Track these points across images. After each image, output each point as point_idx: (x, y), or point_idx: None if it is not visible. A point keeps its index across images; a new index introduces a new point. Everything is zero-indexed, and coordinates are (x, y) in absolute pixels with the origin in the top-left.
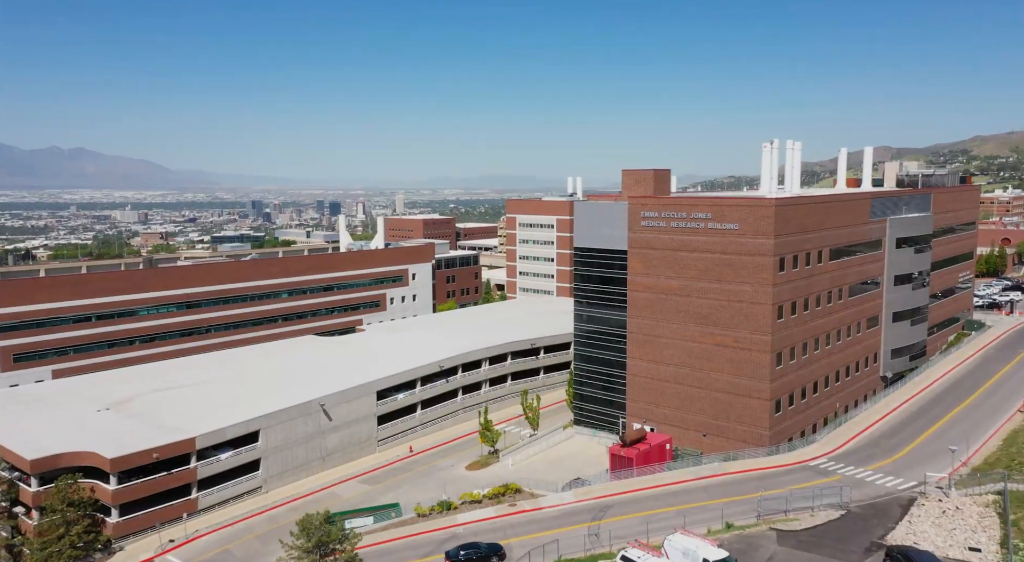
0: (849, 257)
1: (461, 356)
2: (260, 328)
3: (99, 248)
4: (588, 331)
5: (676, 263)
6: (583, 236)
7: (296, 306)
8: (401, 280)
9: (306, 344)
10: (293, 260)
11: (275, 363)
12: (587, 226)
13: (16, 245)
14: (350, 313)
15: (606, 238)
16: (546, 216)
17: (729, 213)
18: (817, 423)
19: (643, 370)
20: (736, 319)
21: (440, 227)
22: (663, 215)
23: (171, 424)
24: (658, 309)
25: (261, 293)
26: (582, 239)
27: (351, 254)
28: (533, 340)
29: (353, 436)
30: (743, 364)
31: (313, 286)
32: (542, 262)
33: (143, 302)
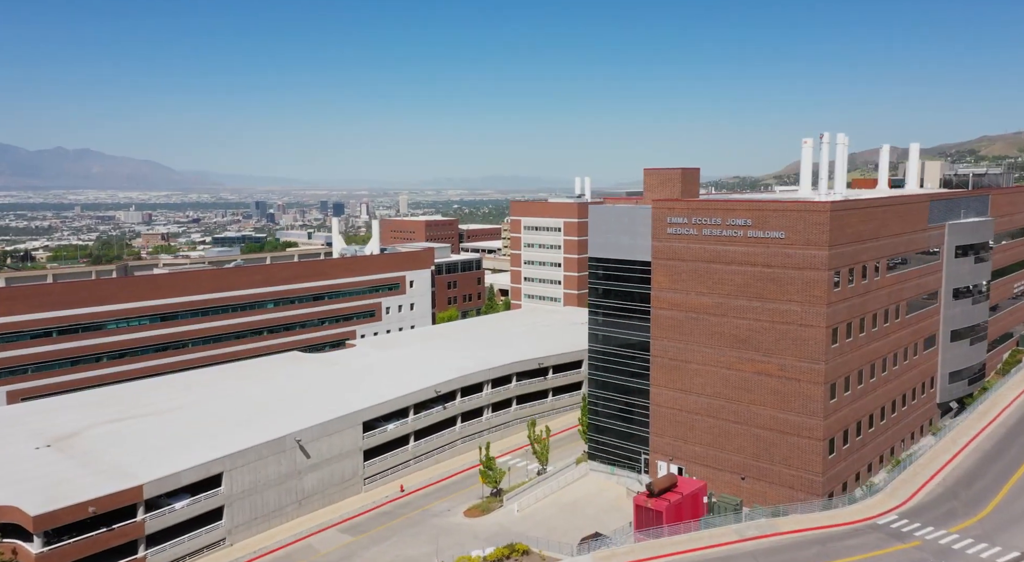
0: (906, 269)
1: (460, 379)
2: (243, 341)
3: (99, 249)
4: (604, 353)
5: (709, 277)
6: (599, 245)
7: (283, 317)
8: (398, 288)
9: (288, 363)
10: (279, 267)
11: (250, 387)
12: (604, 233)
13: (16, 246)
14: (342, 324)
15: (626, 247)
16: (552, 219)
17: (774, 219)
18: (873, 463)
19: (669, 400)
20: (781, 344)
21: (443, 229)
22: (693, 221)
23: (118, 466)
24: (687, 330)
25: (244, 303)
26: (598, 248)
27: (344, 260)
28: (541, 359)
29: (335, 475)
30: (790, 397)
31: (302, 295)
32: (548, 267)
33: (112, 314)
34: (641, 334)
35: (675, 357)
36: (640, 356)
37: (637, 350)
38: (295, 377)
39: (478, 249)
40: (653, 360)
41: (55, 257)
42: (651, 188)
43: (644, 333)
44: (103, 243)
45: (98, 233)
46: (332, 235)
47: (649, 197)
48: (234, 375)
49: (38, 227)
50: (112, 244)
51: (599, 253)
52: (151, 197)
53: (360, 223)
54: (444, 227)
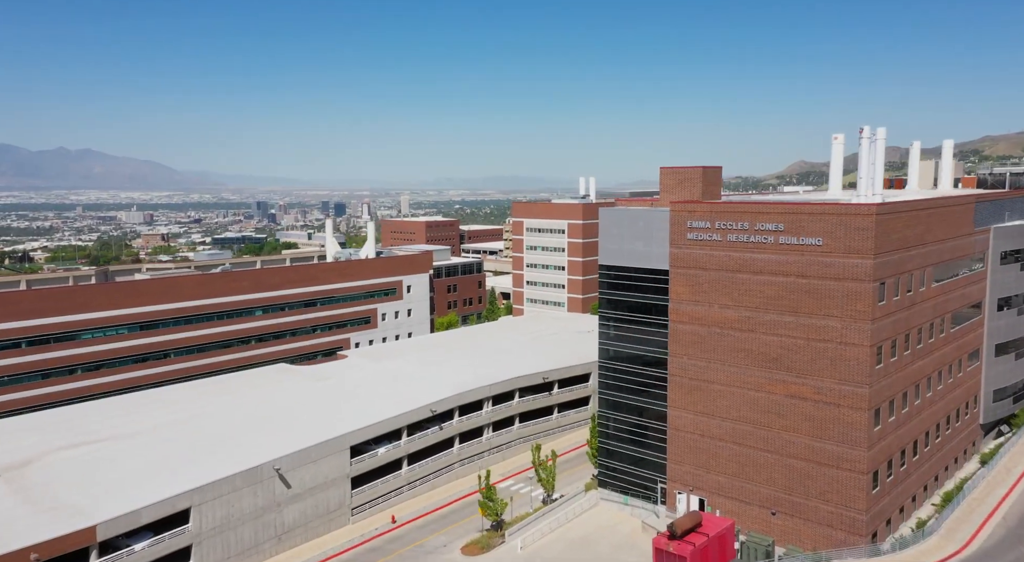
0: (951, 278)
1: (458, 397)
2: (230, 351)
3: (98, 250)
4: (616, 370)
5: (735, 288)
6: (610, 251)
7: (272, 325)
8: (394, 293)
9: (273, 377)
10: (268, 272)
11: (229, 405)
12: (616, 238)
13: (15, 247)
14: (336, 331)
15: (640, 254)
16: (556, 220)
17: (810, 223)
18: (917, 494)
19: (689, 424)
20: (818, 364)
21: (443, 230)
22: (717, 226)
23: (72, 502)
24: (709, 347)
25: (231, 311)
26: (609, 254)
27: (337, 265)
28: (546, 373)
29: (319, 506)
30: (828, 423)
31: (292, 301)
32: (552, 271)
33: (87, 323)
34: (657, 350)
35: (696, 376)
36: (656, 374)
37: (653, 367)
38: (279, 393)
39: (479, 250)
40: (671, 379)
41: (53, 258)
42: (668, 189)
43: (661, 349)
44: (102, 244)
45: (99, 233)
46: (326, 237)
47: (666, 199)
48: (213, 391)
49: (39, 227)
50: (111, 245)
51: (610, 260)
52: (153, 197)
53: (361, 223)
54: (445, 228)
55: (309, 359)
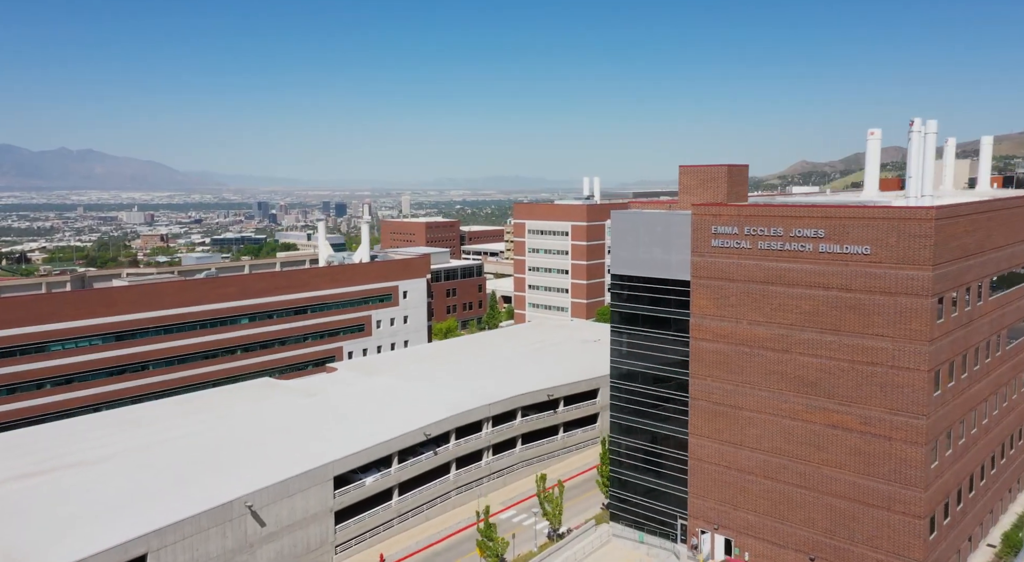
0: (1008, 289)
1: (455, 418)
2: (214, 362)
3: (96, 251)
4: (630, 392)
5: (766, 302)
6: (624, 259)
7: (260, 334)
8: (390, 299)
9: (255, 394)
10: (255, 278)
11: (203, 427)
12: (630, 245)
13: (13, 248)
14: (327, 340)
15: (658, 263)
16: (559, 222)
17: (856, 229)
18: (973, 536)
19: (713, 454)
20: (865, 390)
21: (444, 230)
22: (746, 231)
23: (10, 548)
24: (737, 368)
25: (215, 319)
26: (622, 263)
27: (329, 270)
28: (551, 389)
29: (298, 545)
30: (877, 459)
31: (281, 309)
32: (555, 274)
33: (58, 334)
34: (677, 370)
35: (721, 401)
36: (675, 397)
37: (672, 390)
38: (260, 413)
39: (480, 252)
40: (693, 403)
41: (51, 259)
42: (688, 189)
43: (681, 369)
44: (101, 245)
45: (100, 234)
46: (319, 240)
47: (686, 200)
48: (188, 410)
49: (40, 228)
50: (110, 246)
51: (624, 269)
52: (154, 197)
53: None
54: (445, 229)
55: (299, 370)
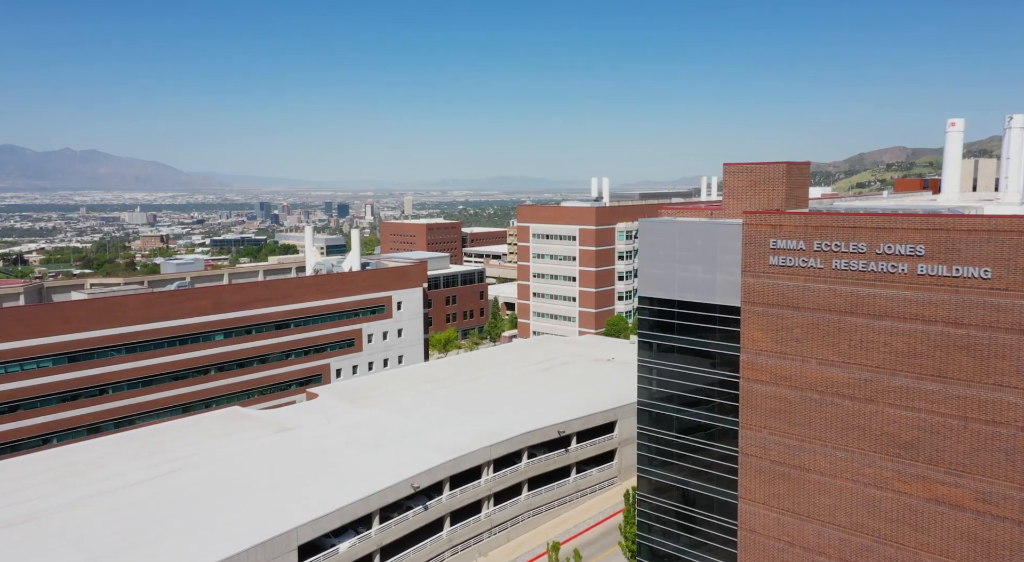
0: None
1: (450, 464)
2: (183, 383)
3: (95, 252)
4: (662, 441)
5: (844, 337)
6: (654, 279)
7: (237, 351)
8: (382, 311)
9: (216, 429)
10: (231, 289)
11: (145, 478)
12: (662, 261)
13: (12, 249)
14: (313, 357)
15: (699, 284)
16: (566, 226)
17: (970, 245)
18: None
19: (771, 525)
20: (984, 456)
21: (445, 232)
22: (816, 246)
23: None
24: (803, 419)
25: (185, 336)
26: (652, 283)
27: (315, 279)
28: (562, 424)
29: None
30: (1001, 548)
31: (260, 323)
32: (561, 281)
33: (2, 356)
34: (723, 418)
35: (782, 460)
36: (720, 451)
37: (715, 442)
38: (218, 457)
39: (482, 254)
40: (743, 460)
41: (48, 260)
42: (735, 193)
43: (728, 417)
44: (99, 246)
45: (101, 234)
46: (306, 245)
47: (733, 207)
48: (134, 452)
49: (42, 228)
50: (109, 247)
51: (654, 291)
52: (157, 198)
53: (364, 224)
54: (446, 231)
55: (282, 390)
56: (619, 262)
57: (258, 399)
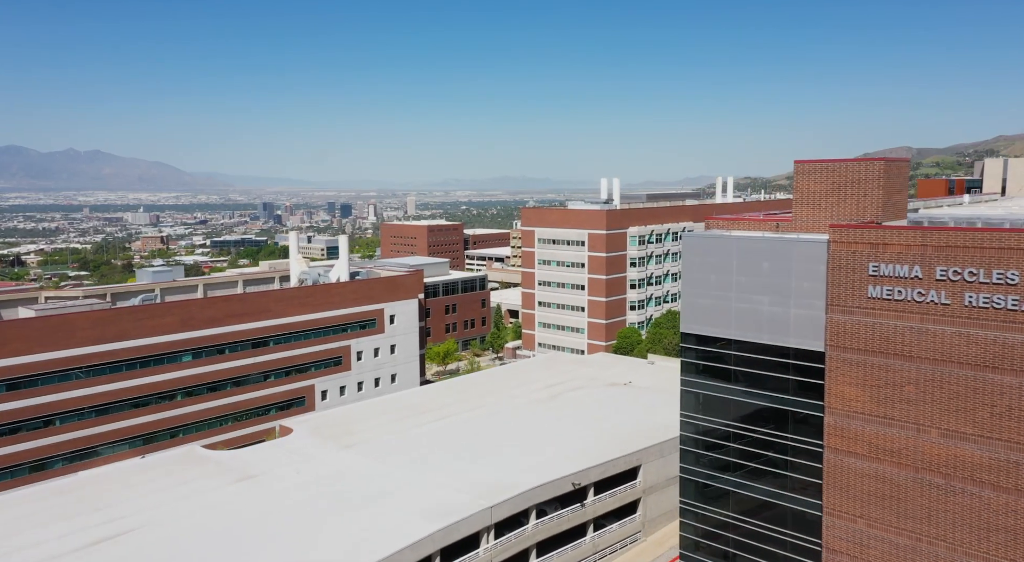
0: None
1: (440, 535)
2: (145, 411)
3: (93, 254)
4: (713, 520)
5: (982, 400)
6: (699, 310)
7: (207, 374)
8: (373, 325)
9: (164, 479)
10: (201, 304)
11: (64, 549)
12: (711, 288)
13: (11, 250)
14: (295, 378)
15: (763, 320)
16: (575, 230)
17: None
18: None
19: None
20: None
21: (447, 234)
22: (938, 274)
23: None
24: (918, 510)
25: (147, 357)
26: (700, 316)
27: (298, 292)
28: (577, 475)
29: None
30: None
31: (235, 341)
32: (569, 290)
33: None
34: (796, 498)
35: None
36: (794, 541)
37: (786, 529)
38: (162, 518)
39: (485, 257)
40: (829, 559)
41: (46, 262)
42: (811, 199)
43: (805, 498)
44: (98, 247)
45: (104, 235)
46: (291, 252)
47: (809, 217)
48: (62, 509)
49: (45, 229)
50: (108, 248)
51: (701, 326)
52: (160, 198)
53: (367, 225)
54: (448, 232)
55: (260, 416)
56: (631, 269)
57: (233, 426)
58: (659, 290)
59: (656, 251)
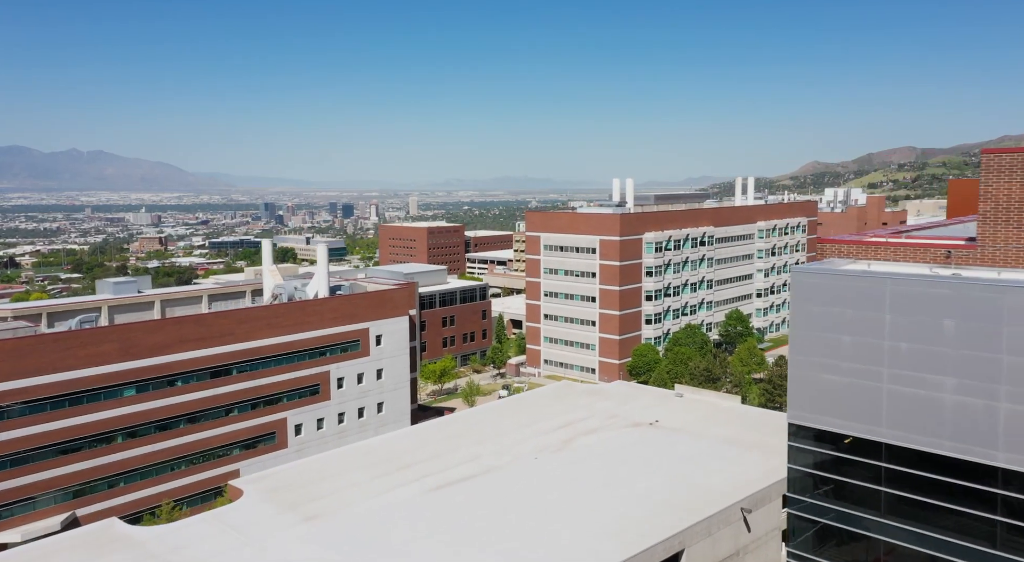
0: None
1: None
2: (75, 458)
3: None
4: None
5: None
6: (819, 389)
7: (154, 410)
8: (357, 347)
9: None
10: (146, 328)
11: None
12: (843, 355)
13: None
14: (264, 411)
15: (944, 417)
16: (585, 236)
17: None
18: None
19: None
20: None
21: (447, 236)
22: None
23: None
24: None
25: (77, 394)
26: (815, 399)
27: (267, 311)
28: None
29: None
30: None
31: (189, 371)
32: (578, 302)
33: None
34: None
35: None
36: None
37: None
38: None
39: (486, 260)
40: None
41: (40, 263)
42: (1015, 212)
43: None
44: (95, 248)
45: (105, 235)
46: (264, 262)
47: (1015, 239)
48: None
49: (47, 229)
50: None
51: (822, 417)
52: (162, 198)
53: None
54: (448, 234)
55: (220, 457)
56: (647, 279)
57: (187, 471)
58: (677, 302)
59: (674, 259)
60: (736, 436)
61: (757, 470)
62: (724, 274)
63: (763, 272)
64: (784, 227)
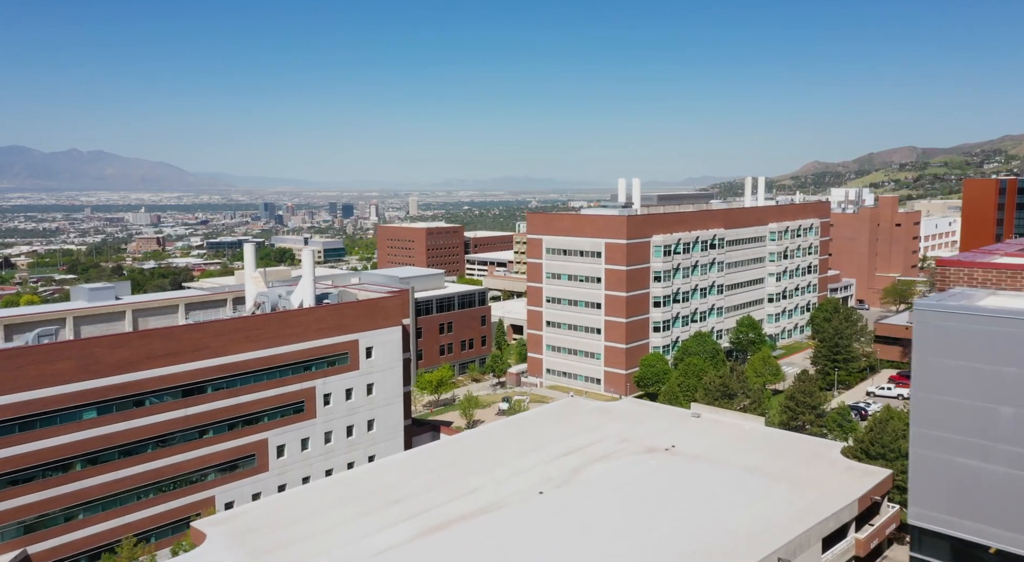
0: None
1: None
2: (29, 489)
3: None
4: None
5: None
6: (956, 481)
7: (118, 433)
8: (345, 361)
9: None
10: (109, 343)
11: None
12: (997, 435)
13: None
14: (243, 432)
15: None
16: (589, 239)
17: None
18: None
19: None
20: None
21: (446, 237)
22: None
23: None
24: None
25: (30, 418)
26: (950, 496)
27: (244, 323)
28: None
29: None
30: None
31: (158, 390)
32: (582, 309)
33: None
34: None
35: None
36: None
37: None
38: None
39: (486, 261)
40: None
41: (36, 264)
42: None
43: None
44: (94, 248)
45: (104, 235)
46: (246, 267)
47: None
48: None
49: (46, 229)
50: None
51: (962, 522)
52: (163, 198)
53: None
54: (448, 235)
55: (194, 483)
56: (655, 285)
57: (155, 500)
58: (686, 308)
59: (683, 263)
60: (761, 464)
61: (789, 508)
62: (735, 278)
63: (775, 276)
64: (796, 229)
